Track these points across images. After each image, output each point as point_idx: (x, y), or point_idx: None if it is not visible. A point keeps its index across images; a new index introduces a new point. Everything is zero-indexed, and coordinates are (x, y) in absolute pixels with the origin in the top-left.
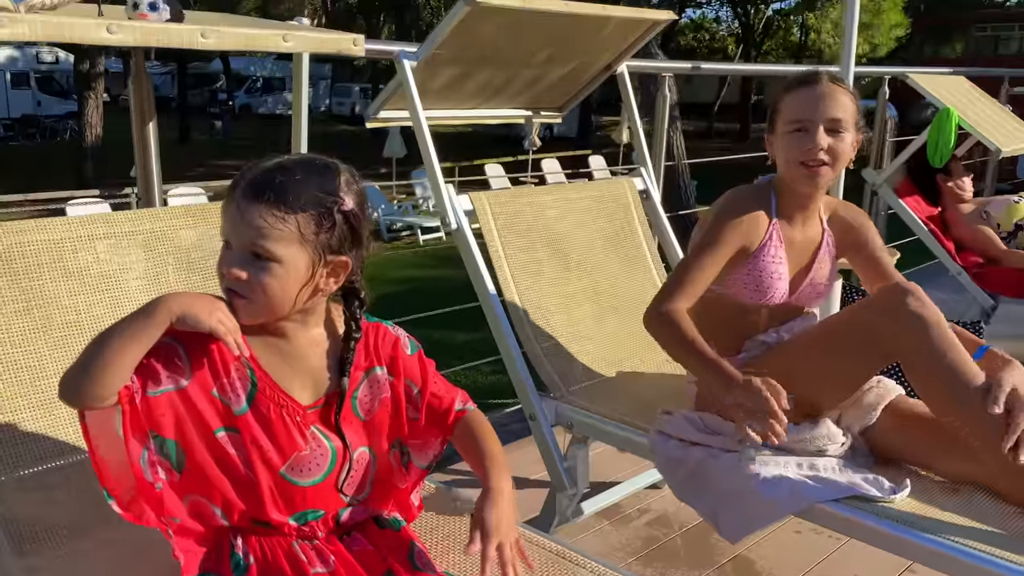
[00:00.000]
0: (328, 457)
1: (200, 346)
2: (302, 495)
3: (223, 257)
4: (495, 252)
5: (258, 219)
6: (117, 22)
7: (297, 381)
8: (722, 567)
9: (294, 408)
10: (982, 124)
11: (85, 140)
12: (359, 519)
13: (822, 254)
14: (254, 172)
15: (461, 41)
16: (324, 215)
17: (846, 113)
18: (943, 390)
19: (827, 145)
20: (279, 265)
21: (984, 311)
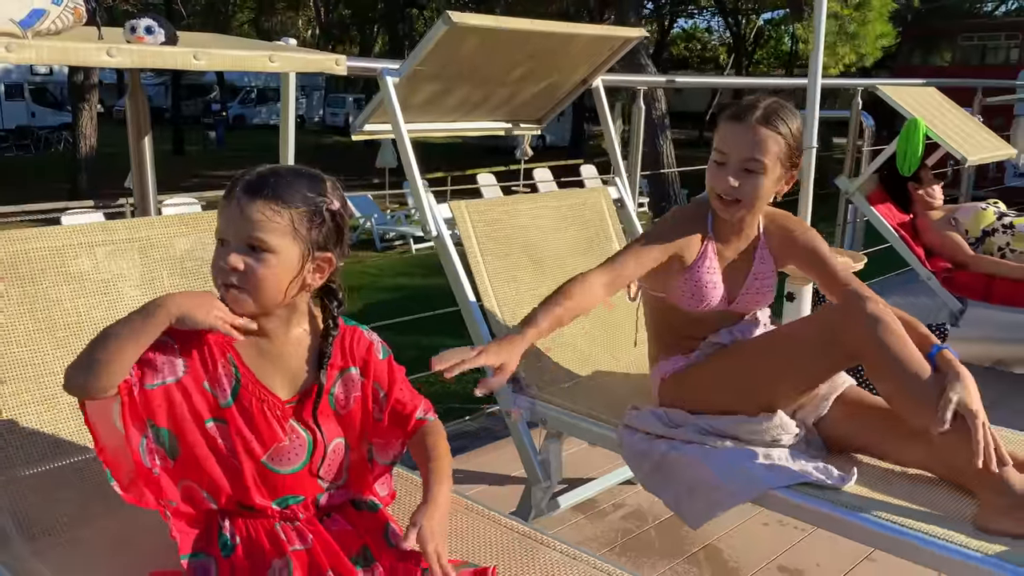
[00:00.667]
0: (305, 447)
1: (192, 342)
2: (283, 481)
3: (219, 254)
4: (473, 258)
5: (256, 213)
6: (116, 46)
7: (277, 378)
8: (693, 556)
9: (274, 402)
10: (950, 134)
11: (79, 151)
12: (337, 502)
13: (757, 263)
14: (251, 174)
15: (441, 59)
16: (315, 212)
17: (766, 155)
18: (902, 392)
19: (737, 184)
20: (274, 256)
21: (952, 314)
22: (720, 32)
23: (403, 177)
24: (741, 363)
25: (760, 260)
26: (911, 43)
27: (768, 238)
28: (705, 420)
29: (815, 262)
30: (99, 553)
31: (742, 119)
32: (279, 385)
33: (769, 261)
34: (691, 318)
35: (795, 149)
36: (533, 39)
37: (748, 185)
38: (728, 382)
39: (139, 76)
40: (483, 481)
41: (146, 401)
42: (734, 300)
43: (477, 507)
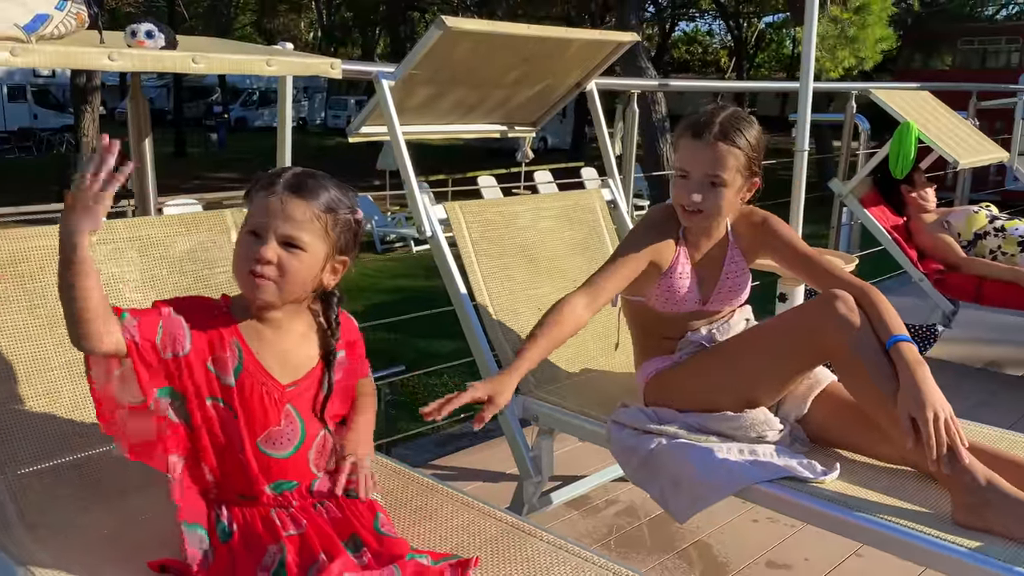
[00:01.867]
0: (298, 433)
1: (200, 323)
2: (277, 466)
3: (250, 243)
4: (467, 258)
5: (298, 212)
6: (118, 50)
7: (277, 364)
8: (683, 552)
9: (273, 386)
10: (942, 137)
11: (81, 153)
12: (328, 489)
13: (728, 262)
14: (292, 173)
15: (436, 63)
16: (343, 219)
17: (726, 170)
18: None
19: (700, 199)
20: (305, 254)
21: (945, 315)
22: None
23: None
24: (722, 361)
25: (731, 260)
26: (911, 47)
27: (737, 238)
28: (692, 417)
29: (787, 248)
30: (97, 543)
31: (701, 136)
32: (278, 370)
33: (740, 260)
34: (668, 319)
35: (754, 158)
36: (527, 43)
37: (710, 199)
38: (710, 380)
39: (139, 79)
40: (477, 478)
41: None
42: (708, 300)
43: (467, 499)
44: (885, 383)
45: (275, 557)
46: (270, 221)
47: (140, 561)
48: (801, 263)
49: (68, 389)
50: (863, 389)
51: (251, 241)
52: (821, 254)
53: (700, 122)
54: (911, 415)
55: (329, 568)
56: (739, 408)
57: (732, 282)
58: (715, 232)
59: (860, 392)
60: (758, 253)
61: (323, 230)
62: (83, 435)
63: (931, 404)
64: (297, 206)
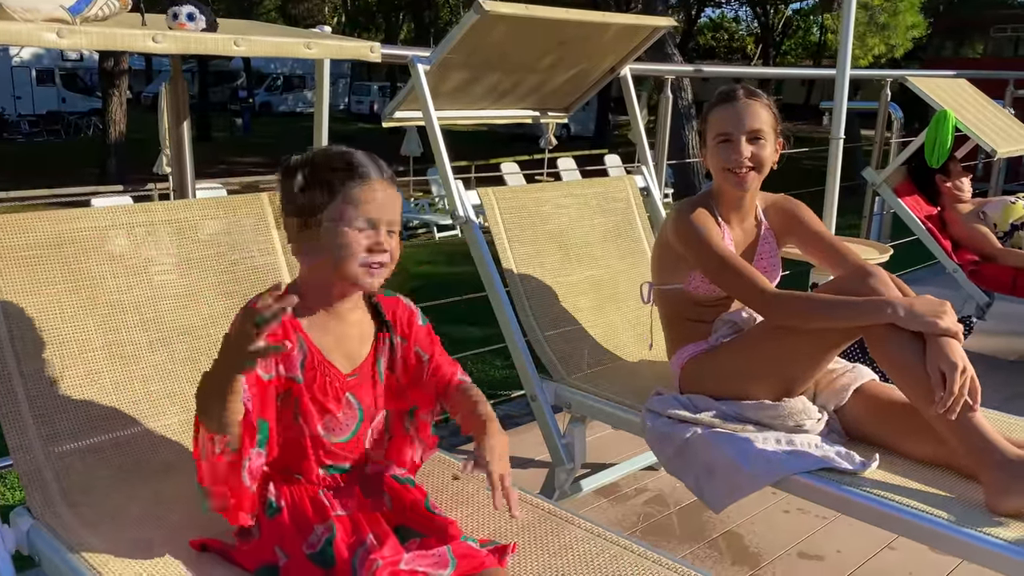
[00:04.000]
0: (356, 418)
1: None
2: (334, 449)
3: (363, 239)
4: (500, 244)
5: (396, 201)
6: (161, 32)
7: (339, 353)
8: (713, 542)
9: (335, 375)
10: (979, 126)
11: (109, 136)
12: (379, 473)
13: (762, 245)
14: (375, 160)
15: (471, 47)
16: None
17: (764, 124)
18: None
19: (750, 153)
20: (397, 235)
21: (979, 307)
22: (748, 22)
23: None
24: (756, 341)
25: (764, 240)
26: (942, 34)
27: (769, 220)
28: (728, 405)
29: (813, 236)
30: (140, 522)
31: (732, 100)
32: (340, 360)
33: (772, 241)
34: (704, 304)
35: (777, 116)
36: (564, 27)
37: (757, 153)
38: (745, 362)
39: (179, 64)
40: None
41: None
42: None
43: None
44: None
45: (322, 536)
46: (382, 212)
47: (183, 540)
48: (825, 250)
49: (108, 370)
50: (896, 361)
51: (362, 234)
52: (843, 242)
53: (725, 92)
54: (940, 368)
55: (379, 550)
56: (776, 393)
57: (766, 262)
58: (747, 212)
59: (892, 364)
60: (785, 239)
61: (401, 208)
62: (123, 416)
63: (960, 358)
64: (396, 195)
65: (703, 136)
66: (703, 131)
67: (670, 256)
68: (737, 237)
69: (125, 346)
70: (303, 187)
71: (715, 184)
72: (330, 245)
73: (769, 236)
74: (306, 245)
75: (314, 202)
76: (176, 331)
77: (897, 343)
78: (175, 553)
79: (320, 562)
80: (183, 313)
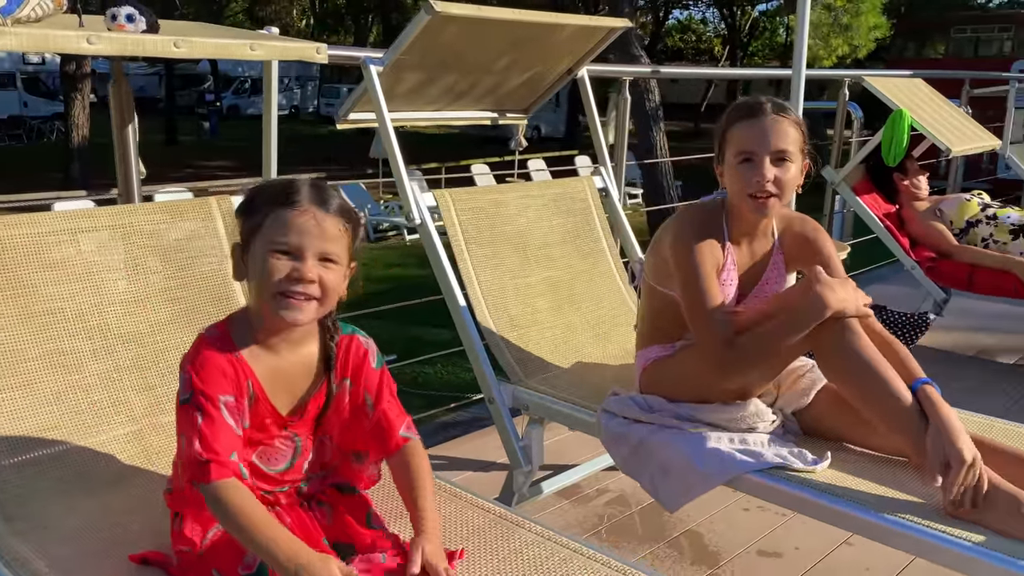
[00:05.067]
0: (293, 451)
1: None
2: (271, 476)
3: (282, 266)
4: (457, 246)
5: (332, 227)
6: (96, 33)
7: (281, 390)
8: (674, 541)
9: (275, 417)
10: (935, 125)
11: (72, 141)
12: (321, 487)
13: (771, 269)
14: (311, 186)
15: (424, 48)
16: (356, 226)
17: (791, 144)
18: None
19: (773, 176)
20: (338, 267)
21: (936, 303)
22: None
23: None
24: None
25: (773, 266)
26: (904, 35)
27: (783, 244)
28: (683, 407)
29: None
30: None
31: (759, 115)
32: (281, 397)
33: (781, 267)
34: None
35: (805, 135)
36: (517, 28)
37: (781, 177)
38: (701, 370)
39: (121, 64)
40: (468, 468)
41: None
42: (743, 302)
43: (455, 490)
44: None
45: (256, 558)
46: (306, 240)
47: (122, 554)
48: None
49: (46, 380)
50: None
51: (282, 262)
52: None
53: (750, 104)
54: (945, 457)
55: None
56: (730, 398)
57: (770, 288)
58: (762, 233)
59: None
60: (795, 265)
61: (348, 241)
62: (63, 427)
63: (968, 448)
64: (331, 222)
65: (721, 152)
66: (722, 146)
67: (665, 261)
68: (743, 259)
69: (67, 355)
70: (245, 213)
71: (731, 200)
72: (253, 273)
73: (779, 261)
74: (241, 272)
75: (250, 228)
76: (121, 339)
77: (844, 360)
78: (113, 567)
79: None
80: (129, 320)
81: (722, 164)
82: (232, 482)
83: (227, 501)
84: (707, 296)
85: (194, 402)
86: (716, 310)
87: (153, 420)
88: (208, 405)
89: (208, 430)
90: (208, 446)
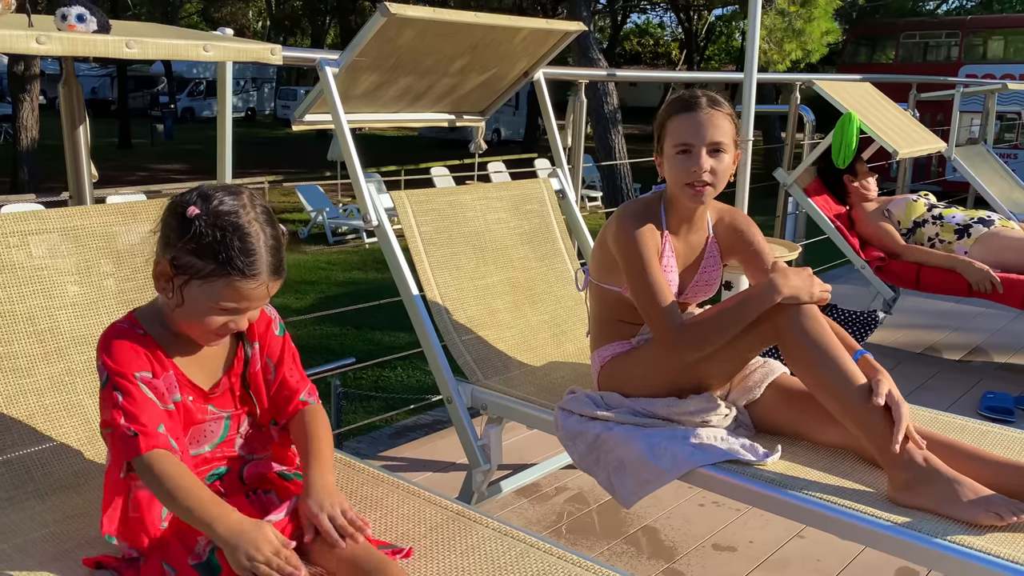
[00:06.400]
0: (222, 426)
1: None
2: (207, 456)
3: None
4: (415, 248)
5: (276, 287)
6: (46, 33)
7: (199, 370)
8: (631, 537)
9: (197, 392)
10: (883, 128)
11: (20, 144)
12: (260, 472)
13: (708, 258)
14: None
15: (380, 49)
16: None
17: (725, 136)
18: (817, 373)
19: (710, 167)
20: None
21: (886, 302)
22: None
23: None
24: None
25: (709, 254)
26: (856, 40)
27: (717, 235)
28: (638, 402)
29: (754, 254)
30: (30, 542)
31: (695, 108)
32: (201, 377)
33: (717, 256)
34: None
35: (737, 127)
36: (473, 31)
37: (716, 167)
38: (659, 364)
39: (72, 67)
40: (428, 469)
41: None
42: (683, 293)
43: (413, 488)
44: (831, 367)
45: (206, 547)
46: (253, 304)
47: (75, 558)
48: (764, 270)
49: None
50: (808, 371)
51: (223, 316)
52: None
53: (687, 99)
54: (887, 400)
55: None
56: (687, 393)
57: (708, 275)
58: (698, 223)
59: (805, 374)
60: (729, 256)
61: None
62: (15, 430)
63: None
64: (278, 282)
65: (660, 143)
66: (660, 138)
67: (609, 257)
68: (681, 249)
69: (17, 358)
70: (189, 249)
71: (669, 192)
72: (189, 312)
73: (715, 251)
74: (167, 292)
75: (193, 268)
76: (73, 341)
77: (802, 345)
78: (66, 570)
79: (207, 571)
80: (81, 323)
81: (661, 155)
82: (162, 452)
83: (158, 470)
84: (653, 279)
85: (112, 383)
86: (663, 292)
87: None
88: (125, 383)
89: (130, 406)
90: (133, 419)
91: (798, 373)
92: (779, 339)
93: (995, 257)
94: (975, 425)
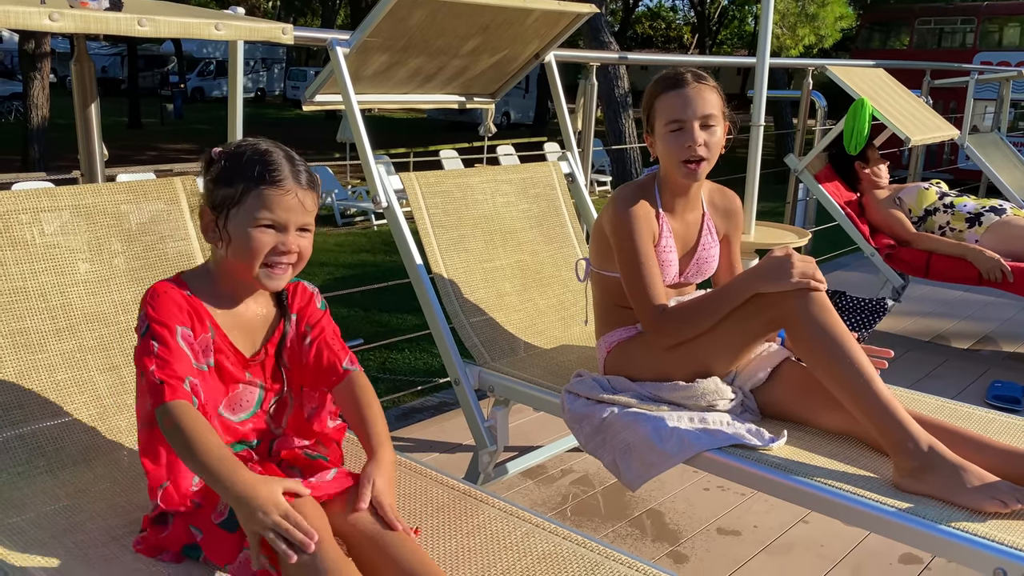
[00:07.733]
0: (256, 396)
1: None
2: (236, 427)
3: (268, 240)
4: (424, 229)
5: (309, 202)
6: (59, 10)
7: (242, 336)
8: (636, 519)
9: (238, 358)
10: (895, 114)
11: (31, 122)
12: (289, 448)
13: (705, 236)
14: (285, 160)
15: (391, 30)
16: (319, 188)
17: (715, 108)
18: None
19: (703, 141)
20: (311, 233)
21: (895, 290)
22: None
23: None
24: None
25: (706, 231)
26: (870, 26)
27: (712, 212)
28: (645, 386)
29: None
30: (47, 515)
31: (682, 84)
32: (243, 343)
33: (713, 233)
34: None
35: (724, 100)
36: (485, 12)
37: (711, 141)
38: (666, 353)
39: (84, 44)
40: (435, 449)
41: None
42: (683, 272)
43: (419, 467)
44: (837, 353)
45: (227, 505)
46: (290, 216)
47: (87, 531)
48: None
49: (9, 360)
50: (814, 357)
51: (267, 235)
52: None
53: (672, 76)
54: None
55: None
56: (693, 377)
57: (707, 253)
58: (693, 202)
59: (812, 360)
60: (722, 233)
61: (317, 205)
62: (27, 406)
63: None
64: (311, 197)
65: (650, 123)
66: (650, 118)
67: (607, 243)
68: (679, 229)
69: (29, 334)
70: (218, 181)
71: (662, 171)
72: (237, 243)
73: (711, 227)
74: (215, 237)
75: (227, 198)
76: (85, 318)
77: (808, 329)
78: (77, 543)
79: (230, 527)
80: (92, 300)
81: (652, 135)
82: (184, 403)
83: (178, 420)
84: (642, 263)
85: (151, 332)
86: (650, 276)
87: (117, 400)
88: (163, 332)
89: (164, 354)
90: (163, 367)
91: (805, 359)
92: (786, 325)
93: (1006, 246)
94: (981, 413)
